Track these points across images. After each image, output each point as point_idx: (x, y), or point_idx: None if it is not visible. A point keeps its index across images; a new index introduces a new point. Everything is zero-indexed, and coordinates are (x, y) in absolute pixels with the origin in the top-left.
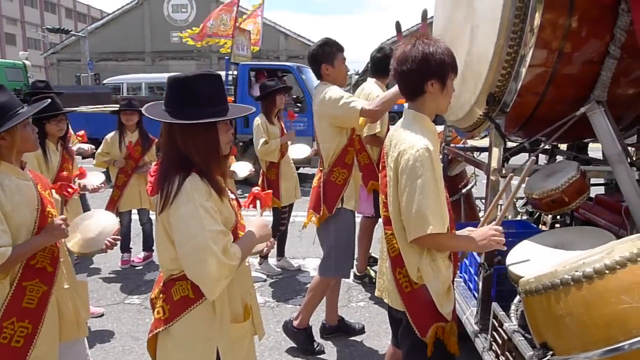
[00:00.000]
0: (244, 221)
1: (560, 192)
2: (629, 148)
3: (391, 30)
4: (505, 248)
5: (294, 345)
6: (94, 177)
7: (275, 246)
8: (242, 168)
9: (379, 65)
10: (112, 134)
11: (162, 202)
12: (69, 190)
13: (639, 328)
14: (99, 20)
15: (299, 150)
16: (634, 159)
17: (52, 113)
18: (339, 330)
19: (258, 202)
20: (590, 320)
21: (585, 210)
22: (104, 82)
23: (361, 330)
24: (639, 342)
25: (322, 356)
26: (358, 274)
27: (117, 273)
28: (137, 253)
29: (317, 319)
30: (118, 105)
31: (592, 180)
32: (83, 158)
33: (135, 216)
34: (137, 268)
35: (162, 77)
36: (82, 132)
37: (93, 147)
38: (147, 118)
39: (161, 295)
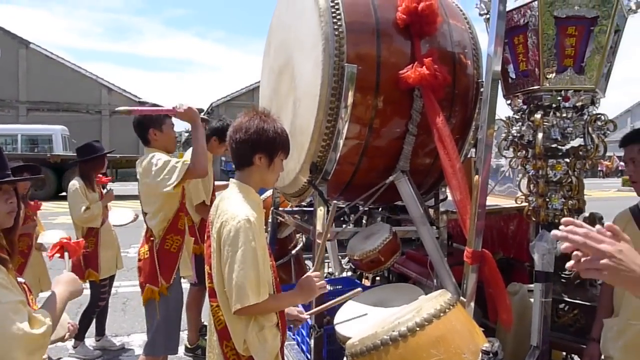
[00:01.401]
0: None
1: (377, 253)
2: (429, 210)
3: (222, 90)
4: (327, 290)
5: None
6: None
7: (94, 324)
8: (51, 236)
9: (213, 134)
10: None
11: None
12: None
13: None
14: None
15: (120, 216)
16: (433, 219)
17: None
18: None
19: (66, 252)
20: None
21: (399, 264)
22: None
23: None
24: None
25: None
26: (189, 346)
27: None
28: None
29: None
30: None
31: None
32: None
33: None
34: None
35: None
36: None
37: None
38: None
39: None
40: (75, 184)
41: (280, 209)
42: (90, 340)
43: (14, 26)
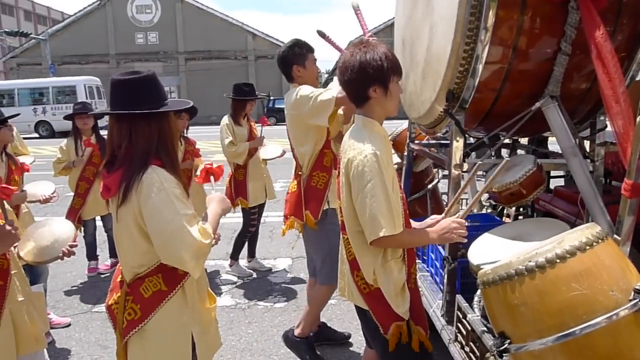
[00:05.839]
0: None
1: (518, 185)
2: (584, 141)
3: (358, 28)
4: (466, 240)
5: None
6: (44, 187)
7: (246, 247)
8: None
9: None
10: (66, 140)
11: (123, 195)
12: (6, 191)
13: (588, 314)
14: (60, 22)
15: (270, 151)
16: (587, 151)
17: (1, 118)
18: (320, 336)
19: (212, 176)
20: (544, 308)
21: (545, 202)
22: None
23: (344, 338)
24: (588, 327)
25: None
26: None
27: (84, 281)
28: (104, 260)
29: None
30: None
31: (553, 173)
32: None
33: (98, 223)
34: (104, 276)
35: (34, 82)
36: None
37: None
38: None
39: (128, 297)
40: (225, 119)
41: (416, 141)
42: (243, 262)
43: None
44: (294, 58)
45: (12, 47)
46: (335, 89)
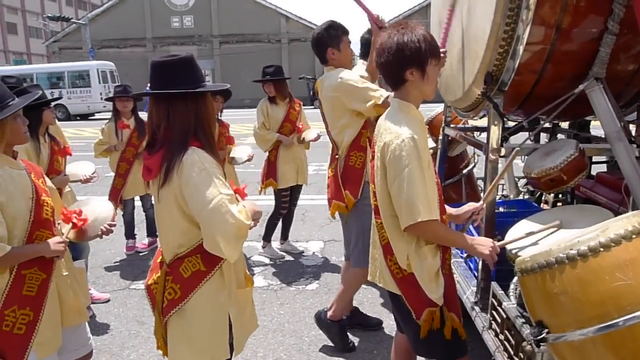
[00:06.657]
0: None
1: (559, 171)
2: (630, 125)
3: (393, 10)
4: (493, 266)
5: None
6: (85, 167)
7: (279, 229)
8: (242, 152)
9: (367, 48)
10: (107, 122)
11: (165, 176)
12: (79, 219)
13: (633, 305)
14: (100, 7)
15: (309, 134)
16: (634, 136)
17: (46, 100)
18: (353, 321)
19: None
20: (585, 298)
21: (586, 188)
22: None
23: (376, 324)
24: (632, 318)
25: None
26: None
27: (122, 259)
28: (142, 239)
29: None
30: None
31: (595, 159)
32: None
33: (137, 203)
34: (141, 254)
35: (51, 67)
36: None
37: None
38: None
39: (168, 277)
40: (261, 102)
41: (451, 125)
42: (275, 244)
43: None
44: (329, 40)
45: (54, 32)
46: (386, 92)
